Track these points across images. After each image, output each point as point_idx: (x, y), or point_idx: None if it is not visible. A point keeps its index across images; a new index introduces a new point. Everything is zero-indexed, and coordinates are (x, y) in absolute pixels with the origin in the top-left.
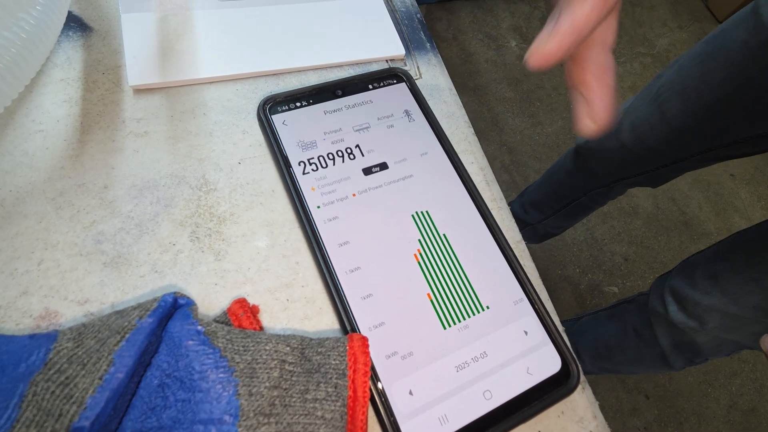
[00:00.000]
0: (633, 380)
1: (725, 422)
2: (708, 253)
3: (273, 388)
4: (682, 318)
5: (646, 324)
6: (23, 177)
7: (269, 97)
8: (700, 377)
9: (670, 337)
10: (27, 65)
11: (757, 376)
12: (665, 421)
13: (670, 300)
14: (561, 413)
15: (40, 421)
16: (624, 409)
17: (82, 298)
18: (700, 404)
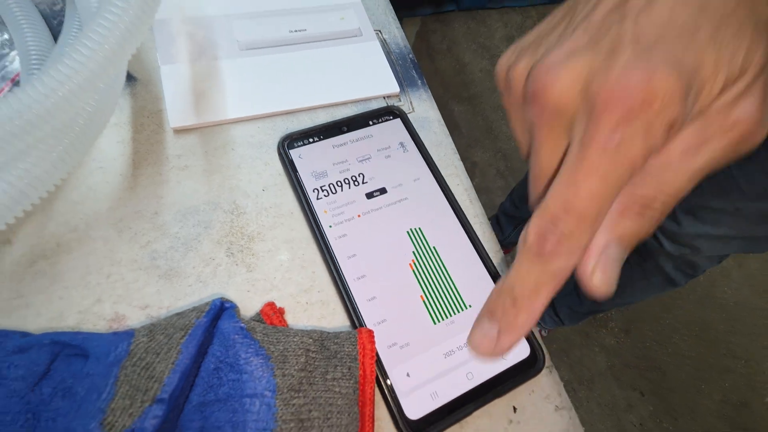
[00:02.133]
0: (627, 377)
1: (718, 417)
2: None
3: (301, 370)
4: (677, 248)
5: (646, 257)
6: (90, 207)
7: (287, 135)
8: (693, 373)
9: (671, 263)
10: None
11: (749, 372)
12: (660, 417)
13: (662, 237)
14: (531, 391)
15: (132, 394)
16: (619, 405)
17: (144, 303)
18: (693, 400)
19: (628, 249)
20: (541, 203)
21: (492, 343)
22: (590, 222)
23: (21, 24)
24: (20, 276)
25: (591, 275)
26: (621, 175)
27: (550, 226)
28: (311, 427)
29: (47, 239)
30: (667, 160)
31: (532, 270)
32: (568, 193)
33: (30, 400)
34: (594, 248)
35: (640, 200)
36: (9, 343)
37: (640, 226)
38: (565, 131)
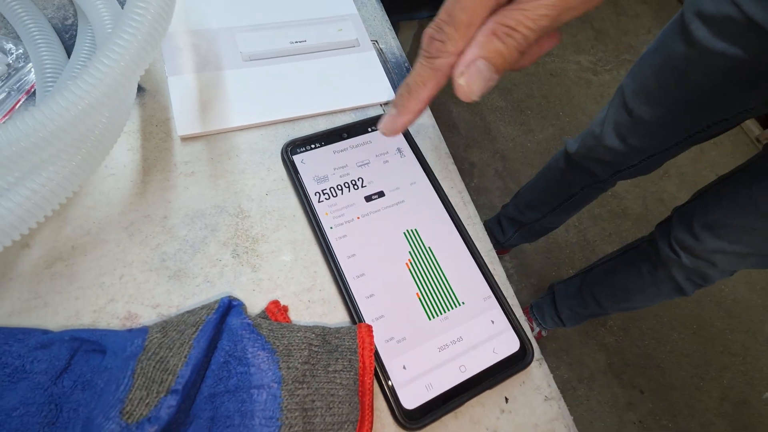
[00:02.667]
0: (627, 375)
1: (717, 414)
2: (697, 204)
3: (304, 363)
4: (694, 261)
5: (659, 266)
6: (102, 211)
7: (290, 141)
8: (692, 371)
9: (683, 273)
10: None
11: (747, 369)
12: (659, 415)
13: (679, 250)
14: (522, 383)
15: (148, 385)
16: (619, 403)
17: (155, 303)
18: (692, 397)
19: (495, 69)
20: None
21: (392, 123)
22: (464, 29)
23: (36, 38)
24: (38, 278)
25: (458, 77)
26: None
27: (436, 30)
28: (314, 416)
29: (63, 243)
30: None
31: (423, 67)
32: (450, 4)
33: (53, 393)
34: (464, 58)
35: (506, 27)
36: (31, 339)
37: (504, 47)
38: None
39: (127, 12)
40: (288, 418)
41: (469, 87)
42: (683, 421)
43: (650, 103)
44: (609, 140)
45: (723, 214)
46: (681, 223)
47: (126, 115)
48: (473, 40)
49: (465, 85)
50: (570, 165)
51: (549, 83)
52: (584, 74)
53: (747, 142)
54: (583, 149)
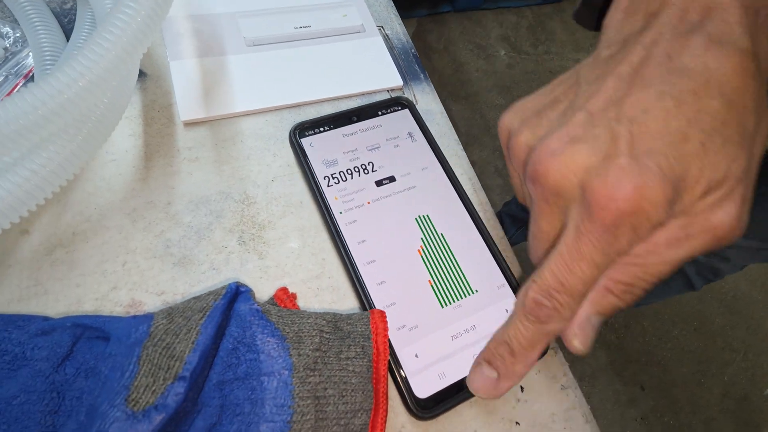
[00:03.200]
0: (629, 372)
1: (719, 410)
2: None
3: (315, 350)
4: (705, 256)
5: None
6: (104, 197)
7: (298, 124)
8: (693, 367)
9: (694, 268)
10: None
11: (748, 365)
12: (661, 411)
13: None
14: (538, 371)
15: (154, 372)
16: (621, 400)
17: (159, 290)
18: (694, 394)
19: (606, 318)
20: (538, 274)
21: (492, 387)
22: (579, 297)
23: (34, 22)
24: (38, 264)
25: (572, 339)
26: (609, 262)
27: (546, 297)
28: (327, 404)
29: (63, 229)
30: (652, 249)
31: (529, 329)
32: (564, 273)
33: (54, 380)
34: (578, 318)
35: (625, 284)
36: (32, 326)
37: (620, 303)
38: (560, 210)
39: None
40: (300, 406)
41: (584, 346)
42: (685, 418)
43: None
44: None
45: None
46: None
47: (128, 96)
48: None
49: (580, 345)
50: None
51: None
52: None
53: None
54: None
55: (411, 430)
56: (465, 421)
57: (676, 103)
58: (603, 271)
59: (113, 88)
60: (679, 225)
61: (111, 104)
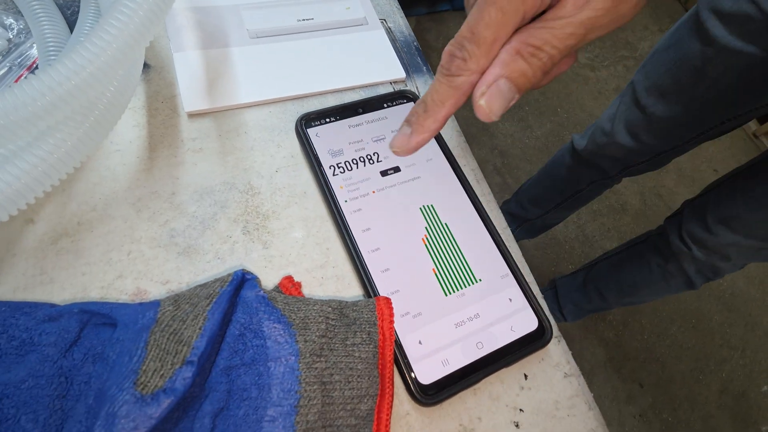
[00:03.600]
0: (627, 369)
1: (717, 407)
2: (711, 197)
3: (321, 336)
4: (707, 255)
5: (670, 259)
6: (108, 187)
7: (304, 114)
8: (691, 364)
9: (694, 266)
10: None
11: (746, 362)
12: (659, 408)
13: (691, 243)
14: (541, 360)
15: (162, 357)
16: (620, 397)
17: (164, 279)
18: (692, 390)
19: (517, 90)
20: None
21: (405, 141)
22: (487, 46)
23: (37, 13)
24: (44, 253)
25: (479, 98)
26: (516, 7)
27: (457, 48)
28: (333, 389)
29: (68, 218)
30: (560, 14)
31: (442, 84)
32: (474, 20)
33: (62, 365)
34: (486, 77)
35: (532, 46)
36: (39, 312)
37: (528, 67)
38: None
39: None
40: (306, 391)
41: (489, 108)
42: (683, 414)
43: (665, 100)
44: (621, 137)
45: (738, 207)
46: (693, 216)
47: (133, 86)
48: (496, 58)
49: (485, 106)
50: (578, 161)
51: None
52: (582, 71)
53: (744, 137)
54: (593, 146)
55: (415, 416)
56: (469, 407)
57: None
58: (510, 20)
59: (119, 76)
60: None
61: (117, 93)
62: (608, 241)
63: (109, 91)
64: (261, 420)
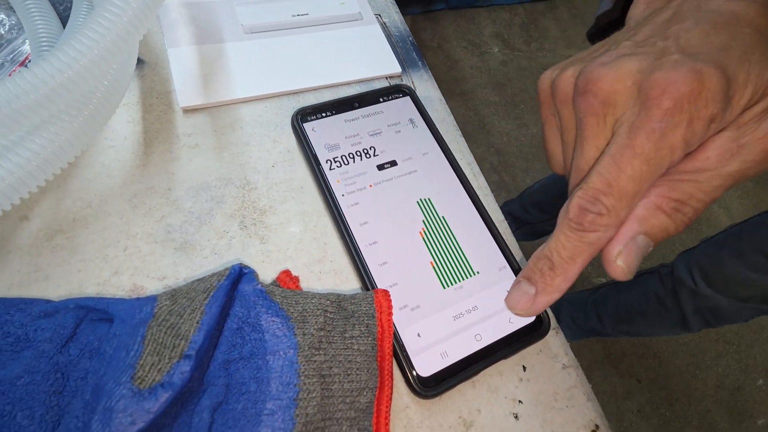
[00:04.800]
0: (625, 365)
1: (714, 401)
2: (732, 232)
3: (320, 329)
4: (711, 292)
5: (669, 292)
6: (103, 183)
7: (300, 109)
8: (688, 360)
9: (693, 304)
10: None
11: (741, 357)
12: (657, 403)
13: (699, 278)
14: (539, 351)
15: (160, 351)
16: (617, 393)
17: (161, 275)
18: (689, 385)
19: (654, 243)
20: (583, 182)
21: (529, 302)
22: (629, 200)
23: (30, 9)
24: (38, 250)
25: (615, 258)
26: (662, 159)
27: (591, 201)
28: (332, 382)
29: (63, 215)
30: (704, 165)
31: (571, 240)
32: (612, 172)
33: (58, 361)
34: (622, 235)
35: (676, 201)
36: (34, 308)
37: (670, 223)
38: (611, 124)
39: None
40: (306, 384)
41: (628, 268)
42: (681, 409)
43: None
44: None
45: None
46: (707, 251)
47: (128, 80)
48: (633, 213)
49: (624, 266)
50: None
51: None
52: None
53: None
54: None
55: (414, 409)
56: (468, 399)
57: (713, 27)
58: (654, 173)
59: (113, 70)
60: (729, 136)
61: (111, 87)
62: None
63: (103, 84)
64: (260, 414)
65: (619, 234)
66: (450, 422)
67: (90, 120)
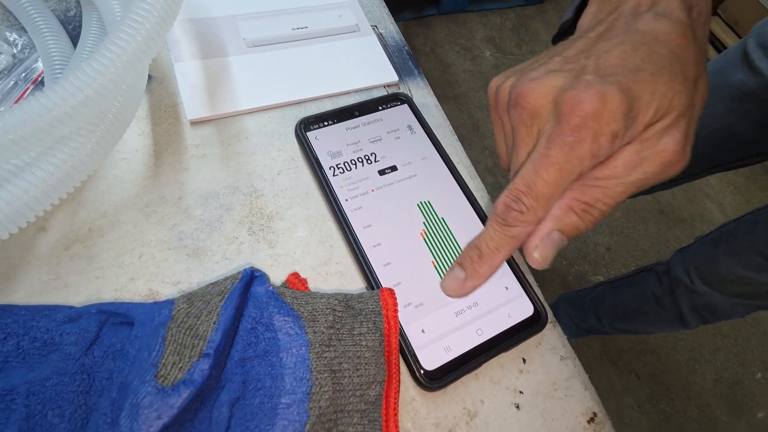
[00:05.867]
0: (623, 362)
1: (713, 395)
2: (726, 230)
3: (329, 327)
4: (708, 290)
5: (666, 291)
6: (117, 194)
7: (303, 118)
8: (686, 354)
9: (690, 302)
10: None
11: (739, 350)
12: (656, 399)
13: (695, 276)
14: (538, 344)
15: (180, 351)
16: (617, 389)
17: (175, 280)
18: (688, 380)
19: (566, 239)
20: (510, 183)
21: (459, 285)
22: (545, 201)
23: (41, 29)
24: (57, 259)
25: (533, 251)
26: (573, 168)
27: (514, 200)
28: (343, 377)
29: (80, 225)
30: (610, 172)
31: (497, 233)
32: (532, 176)
33: (84, 363)
34: (540, 231)
35: (585, 204)
36: (59, 314)
37: (580, 222)
38: (535, 133)
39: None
40: (318, 379)
41: (543, 259)
42: (680, 404)
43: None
44: None
45: (758, 239)
46: (703, 249)
47: (139, 99)
48: (549, 213)
49: (539, 258)
50: None
51: None
52: None
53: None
54: None
55: (421, 401)
56: (471, 391)
57: (633, 48)
58: (566, 179)
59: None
60: (633, 150)
61: (123, 106)
62: (600, 236)
63: (116, 103)
64: (276, 407)
65: (537, 230)
66: (455, 413)
67: (105, 136)
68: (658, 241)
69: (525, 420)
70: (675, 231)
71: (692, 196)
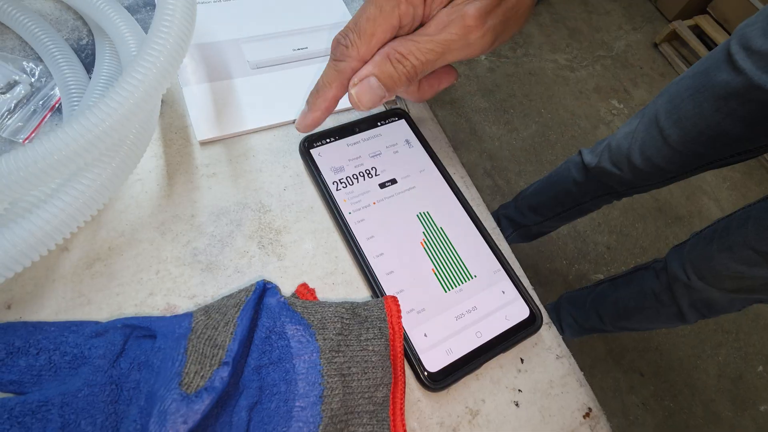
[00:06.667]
0: (627, 360)
1: (716, 391)
2: (720, 226)
3: (338, 334)
4: (704, 285)
5: (664, 288)
6: (133, 214)
7: (307, 136)
8: (688, 351)
9: (688, 298)
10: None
11: (740, 345)
12: (661, 396)
13: (691, 272)
14: (535, 344)
15: (201, 360)
16: (621, 388)
17: (191, 294)
18: (691, 377)
19: (386, 89)
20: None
21: (303, 119)
22: (367, 38)
23: (57, 59)
24: (80, 278)
25: (350, 87)
26: (392, 9)
27: (342, 35)
28: (352, 380)
29: (100, 245)
30: (425, 31)
31: (330, 68)
32: (358, 14)
33: (112, 374)
34: (361, 72)
35: (399, 53)
36: (86, 329)
37: (394, 71)
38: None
39: (151, 36)
40: (329, 383)
41: (358, 98)
42: (684, 401)
43: (682, 124)
44: (635, 157)
45: (750, 236)
46: (698, 245)
47: (153, 127)
48: (372, 59)
49: (354, 95)
50: (585, 177)
51: (529, 82)
52: (561, 72)
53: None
54: (603, 164)
55: (425, 402)
56: (473, 391)
57: None
58: (386, 21)
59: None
60: (446, 12)
61: (139, 134)
62: (600, 235)
63: (134, 130)
64: (291, 410)
65: (359, 72)
66: (458, 412)
67: (122, 164)
68: (658, 238)
69: (524, 417)
70: (673, 228)
71: (690, 193)
